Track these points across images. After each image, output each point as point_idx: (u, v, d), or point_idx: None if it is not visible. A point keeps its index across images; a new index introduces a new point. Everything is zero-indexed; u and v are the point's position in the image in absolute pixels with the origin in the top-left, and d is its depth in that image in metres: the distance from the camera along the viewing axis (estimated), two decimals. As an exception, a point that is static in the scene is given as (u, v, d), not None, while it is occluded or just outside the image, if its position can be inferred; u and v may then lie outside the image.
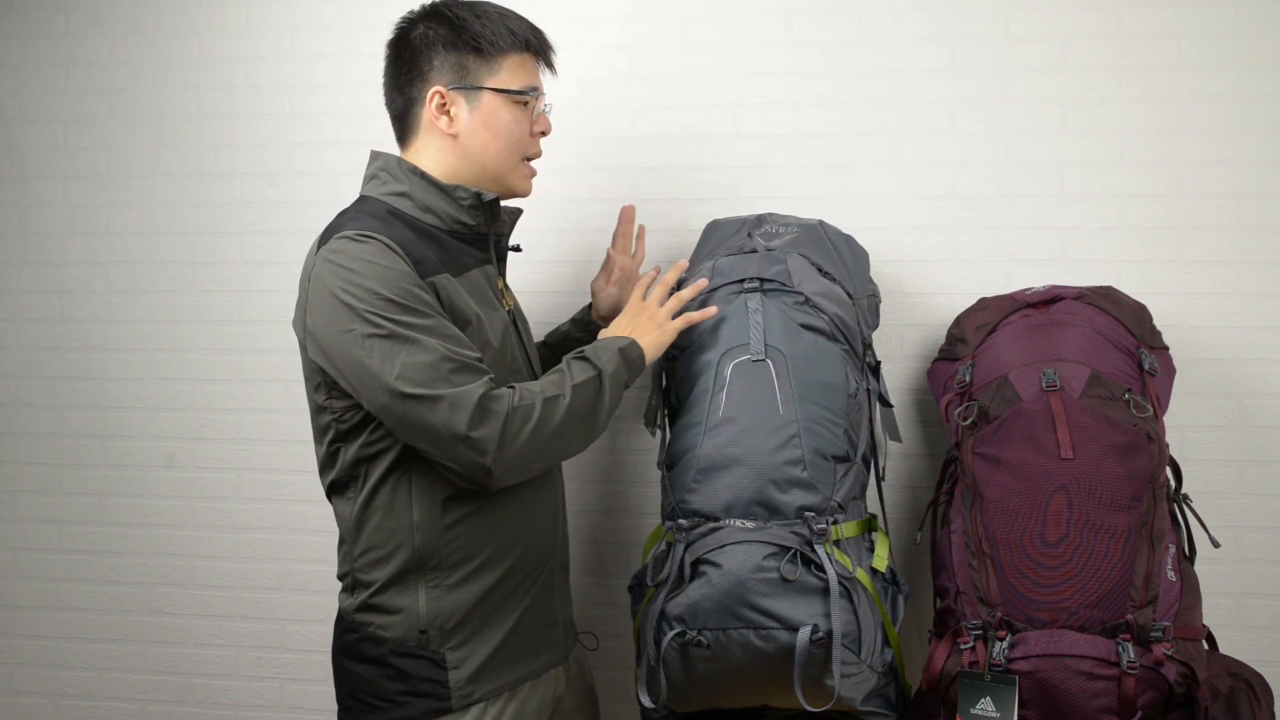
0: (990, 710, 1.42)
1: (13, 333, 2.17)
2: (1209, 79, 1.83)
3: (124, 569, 2.13)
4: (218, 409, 2.10)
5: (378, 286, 1.33)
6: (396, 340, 1.32)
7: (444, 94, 1.46)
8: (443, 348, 1.33)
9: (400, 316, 1.33)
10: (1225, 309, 1.83)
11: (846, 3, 1.92)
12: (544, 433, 1.37)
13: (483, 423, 1.32)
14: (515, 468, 1.37)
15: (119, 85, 2.12)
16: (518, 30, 1.49)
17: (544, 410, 1.37)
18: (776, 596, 1.40)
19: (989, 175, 1.89)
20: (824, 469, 1.47)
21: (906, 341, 1.91)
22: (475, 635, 1.44)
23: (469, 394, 1.32)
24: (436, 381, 1.31)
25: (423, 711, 1.42)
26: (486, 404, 1.33)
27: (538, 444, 1.37)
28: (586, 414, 1.42)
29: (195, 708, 2.12)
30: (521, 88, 1.49)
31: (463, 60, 1.46)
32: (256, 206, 2.08)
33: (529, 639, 1.50)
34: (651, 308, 1.57)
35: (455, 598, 1.43)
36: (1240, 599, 1.83)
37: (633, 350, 1.50)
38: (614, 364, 1.46)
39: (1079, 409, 1.50)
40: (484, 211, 1.50)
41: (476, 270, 1.49)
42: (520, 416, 1.35)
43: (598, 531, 2.00)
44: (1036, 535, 1.46)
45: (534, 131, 1.53)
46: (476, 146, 1.48)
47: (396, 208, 1.46)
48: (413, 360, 1.32)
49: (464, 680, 1.43)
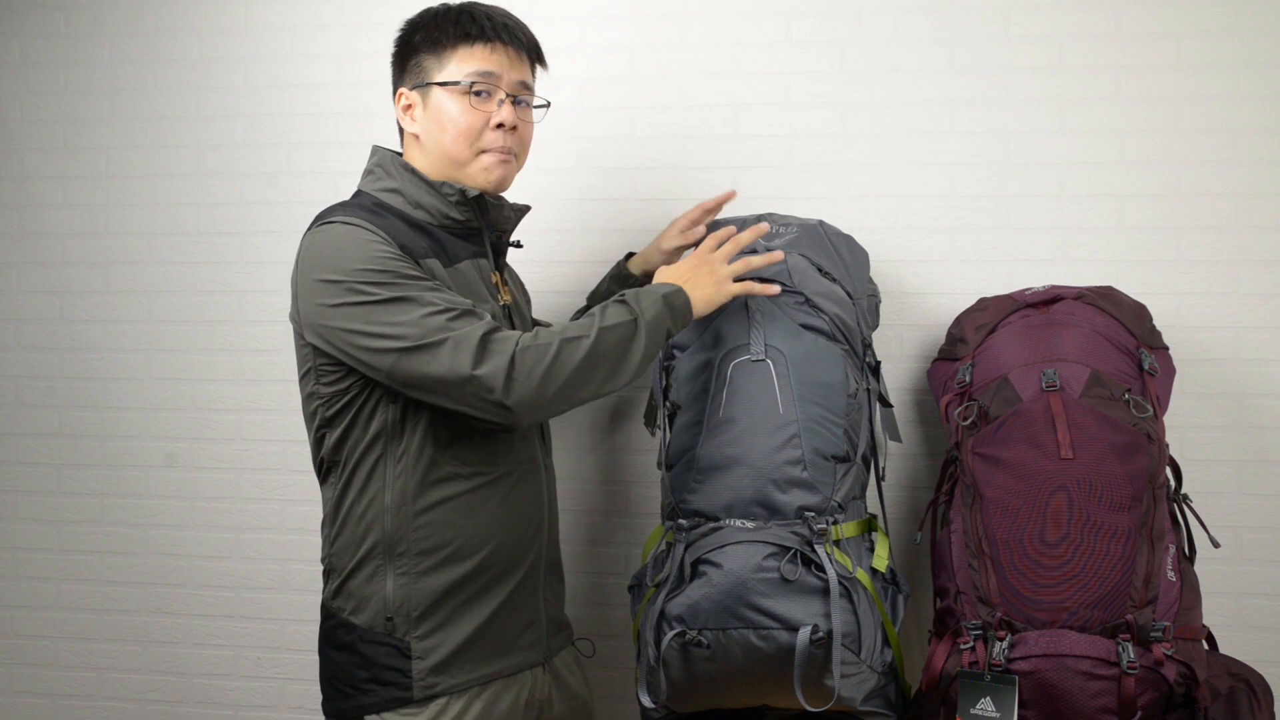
0: (990, 710, 1.42)
1: (13, 333, 2.17)
2: (1208, 79, 1.83)
3: (124, 569, 2.13)
4: (218, 409, 2.10)
5: (361, 262, 1.36)
6: (389, 304, 1.35)
7: (407, 95, 1.51)
8: (439, 299, 1.35)
9: (388, 281, 1.35)
10: (1224, 309, 1.83)
11: (846, 3, 1.92)
12: (561, 371, 1.35)
13: (485, 359, 1.33)
14: (533, 404, 1.35)
15: (119, 85, 2.12)
16: (465, 23, 1.48)
17: (560, 349, 1.36)
18: (776, 596, 1.40)
19: (989, 175, 1.89)
20: (824, 469, 1.47)
21: (906, 341, 1.91)
22: (443, 626, 1.43)
23: (470, 334, 1.33)
24: (436, 330, 1.33)
25: (386, 700, 1.41)
26: (489, 343, 1.33)
27: (554, 381, 1.35)
28: (615, 357, 1.40)
29: (195, 708, 2.12)
30: (464, 77, 1.47)
31: (420, 61, 1.50)
32: (256, 206, 2.08)
33: (503, 636, 1.47)
34: (717, 262, 1.51)
35: (423, 586, 1.42)
36: (1240, 599, 1.83)
37: (679, 298, 1.46)
38: (654, 309, 1.43)
39: (1079, 409, 1.50)
40: (471, 207, 1.50)
41: (468, 263, 1.49)
42: (532, 355, 1.34)
43: (598, 531, 2.00)
44: (1036, 535, 1.46)
45: (491, 123, 1.48)
46: (432, 143, 1.49)
47: (385, 202, 1.48)
48: (408, 316, 1.34)
49: (427, 671, 1.41)
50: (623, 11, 1.99)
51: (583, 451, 1.98)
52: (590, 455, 1.99)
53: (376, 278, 1.35)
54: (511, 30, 1.51)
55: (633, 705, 1.80)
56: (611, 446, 1.99)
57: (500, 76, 1.48)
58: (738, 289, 1.50)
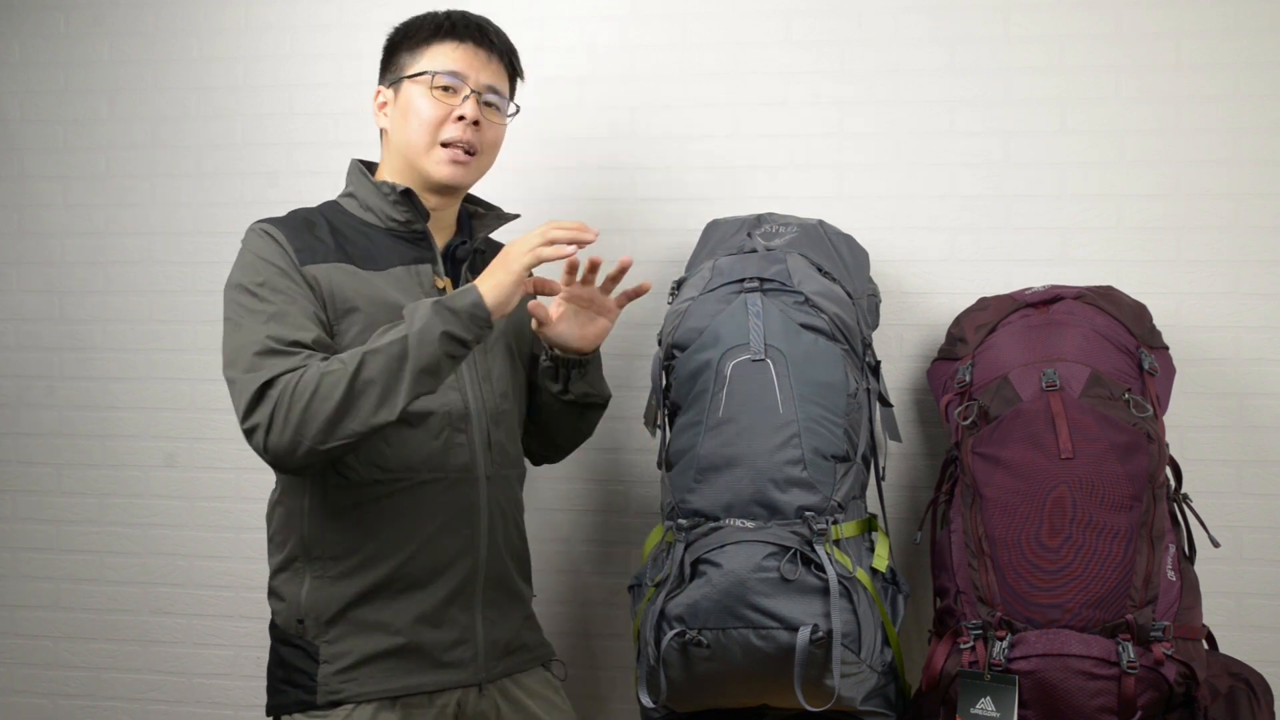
0: (990, 710, 1.42)
1: (12, 333, 2.16)
2: (1208, 79, 1.83)
3: (124, 569, 2.13)
4: (218, 409, 2.09)
5: (240, 275, 1.42)
6: (232, 324, 1.40)
7: (382, 91, 1.55)
8: (263, 333, 1.36)
9: (245, 301, 1.39)
10: (1224, 309, 1.83)
11: (846, 3, 1.92)
12: (319, 410, 1.29)
13: (256, 409, 1.33)
14: (290, 450, 1.31)
15: (118, 85, 2.12)
16: (441, 21, 1.51)
17: (319, 386, 1.30)
18: (776, 596, 1.40)
19: (989, 175, 1.89)
20: (824, 469, 1.47)
21: (906, 341, 1.91)
22: (354, 633, 1.41)
23: (253, 380, 1.33)
24: (239, 365, 1.36)
25: (294, 702, 1.41)
26: (266, 389, 1.32)
27: (312, 423, 1.29)
28: (383, 382, 1.30)
29: (195, 708, 2.12)
30: (433, 72, 1.48)
31: (396, 59, 1.54)
32: (256, 206, 2.08)
33: (424, 651, 1.43)
34: (513, 249, 1.38)
35: (335, 590, 1.42)
36: (1240, 599, 1.83)
37: (464, 298, 1.34)
38: (424, 319, 1.32)
39: (1079, 409, 1.50)
40: (409, 206, 1.50)
41: (402, 269, 1.49)
42: (292, 397, 1.30)
43: (598, 531, 2.00)
44: (1036, 535, 1.46)
45: (453, 116, 1.48)
46: (397, 135, 1.52)
47: (341, 206, 1.54)
48: (233, 343, 1.39)
49: (331, 675, 1.40)
50: (623, 11, 1.99)
51: (583, 451, 1.97)
52: (590, 455, 1.98)
53: (238, 295, 1.41)
54: (486, 33, 1.53)
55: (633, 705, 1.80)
56: (611, 446, 1.99)
57: (468, 75, 1.50)
58: (527, 259, 1.36)
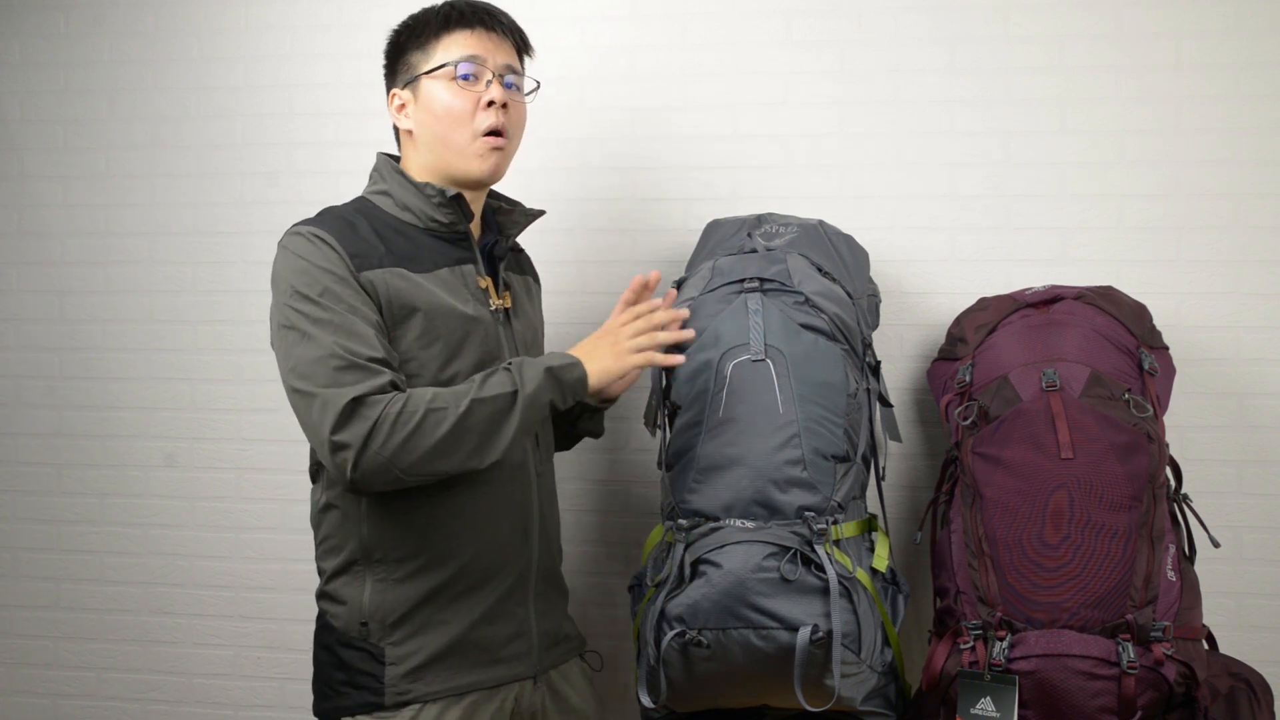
0: (990, 710, 1.42)
1: (13, 333, 2.17)
2: (1208, 79, 1.83)
3: (124, 569, 2.13)
4: (218, 409, 2.10)
5: (296, 281, 1.37)
6: (297, 333, 1.35)
7: (398, 94, 1.52)
8: (336, 345, 1.33)
9: (308, 310, 1.35)
10: (1224, 309, 1.83)
11: (846, 3, 1.92)
12: (419, 444, 1.31)
13: (347, 426, 1.30)
14: (380, 476, 1.31)
15: (119, 85, 2.12)
16: (446, 11, 1.50)
17: (424, 420, 1.31)
18: (776, 596, 1.40)
19: (989, 175, 1.89)
20: (824, 469, 1.47)
21: (906, 341, 1.91)
22: (418, 634, 1.42)
23: (341, 395, 1.30)
24: (317, 378, 1.32)
25: (358, 704, 1.41)
26: (358, 407, 1.30)
27: (410, 454, 1.31)
28: (485, 432, 1.35)
29: (195, 708, 2.12)
30: (451, 63, 1.47)
31: (408, 59, 1.51)
32: (256, 206, 2.08)
33: (485, 647, 1.45)
34: (621, 333, 1.47)
35: (400, 593, 1.42)
36: (1240, 599, 1.83)
37: (572, 372, 1.41)
38: (536, 383, 1.38)
39: (1079, 409, 1.50)
40: (454, 209, 1.49)
41: (448, 270, 1.48)
42: (392, 424, 1.30)
43: (598, 531, 2.00)
44: (1036, 535, 1.46)
45: (481, 103, 1.47)
46: (427, 135, 1.49)
47: (375, 205, 1.50)
48: (304, 355, 1.34)
49: (399, 677, 1.41)
50: (623, 11, 1.99)
51: (583, 451, 1.97)
52: (590, 455, 1.99)
53: (297, 303, 1.36)
54: (494, 15, 1.52)
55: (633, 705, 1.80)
56: (611, 446, 1.99)
57: (486, 59, 1.49)
58: (639, 360, 1.45)
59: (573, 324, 1.98)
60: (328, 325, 1.34)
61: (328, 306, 1.35)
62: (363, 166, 2.04)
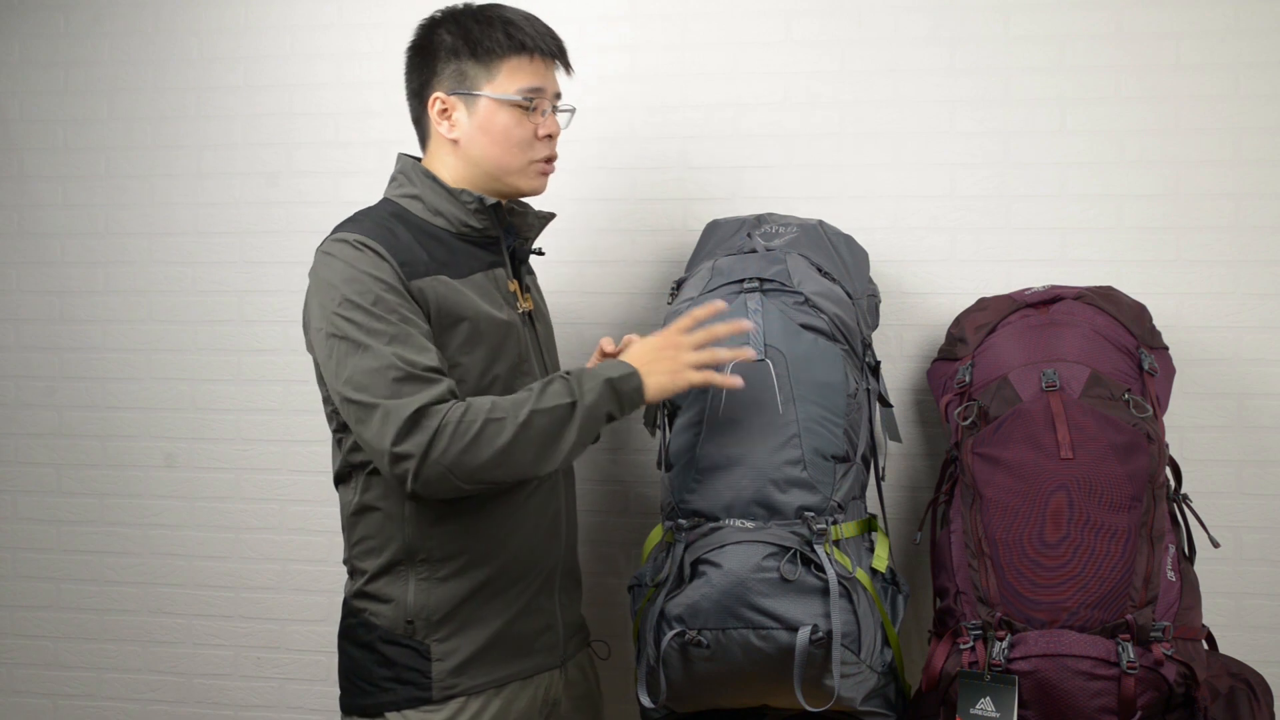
0: (990, 710, 1.42)
1: (12, 333, 2.17)
2: (1209, 79, 1.83)
3: (124, 569, 2.13)
4: (218, 409, 2.10)
5: (347, 290, 1.36)
6: (352, 344, 1.34)
7: (444, 99, 1.48)
8: (393, 356, 1.33)
9: (361, 320, 1.34)
10: (1224, 309, 1.83)
11: (846, 3, 1.92)
12: (479, 454, 1.31)
13: (409, 437, 1.30)
14: (439, 485, 1.32)
15: (118, 85, 2.12)
16: (515, 34, 1.47)
17: (483, 430, 1.32)
18: (776, 596, 1.40)
19: (989, 175, 1.89)
20: (824, 469, 1.47)
21: (906, 341, 1.91)
22: (462, 630, 1.45)
23: (403, 406, 1.30)
24: (377, 390, 1.32)
25: (405, 699, 1.43)
26: (419, 418, 1.30)
27: (469, 463, 1.31)
28: (544, 442, 1.35)
29: (195, 708, 2.12)
30: (516, 92, 1.47)
31: (462, 67, 1.48)
32: (256, 206, 2.08)
33: (521, 639, 1.49)
34: (682, 346, 1.44)
35: (444, 591, 1.44)
36: (1240, 599, 1.83)
37: (630, 383, 1.40)
38: (595, 394, 1.38)
39: (1079, 409, 1.50)
40: (490, 216, 1.50)
41: (482, 274, 1.49)
42: (452, 434, 1.30)
43: (598, 531, 2.00)
44: (1036, 535, 1.46)
45: (539, 135, 1.49)
46: (477, 151, 1.48)
47: (406, 209, 1.48)
48: (361, 365, 1.33)
49: (447, 672, 1.44)
50: (623, 11, 1.99)
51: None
52: (590, 455, 1.99)
53: (351, 312, 1.35)
54: (552, 41, 1.52)
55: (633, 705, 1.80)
56: (611, 446, 1.99)
57: (546, 90, 1.50)
58: (696, 379, 1.42)
59: (573, 324, 1.98)
60: (383, 335, 1.34)
61: (381, 316, 1.35)
62: (362, 167, 2.06)
